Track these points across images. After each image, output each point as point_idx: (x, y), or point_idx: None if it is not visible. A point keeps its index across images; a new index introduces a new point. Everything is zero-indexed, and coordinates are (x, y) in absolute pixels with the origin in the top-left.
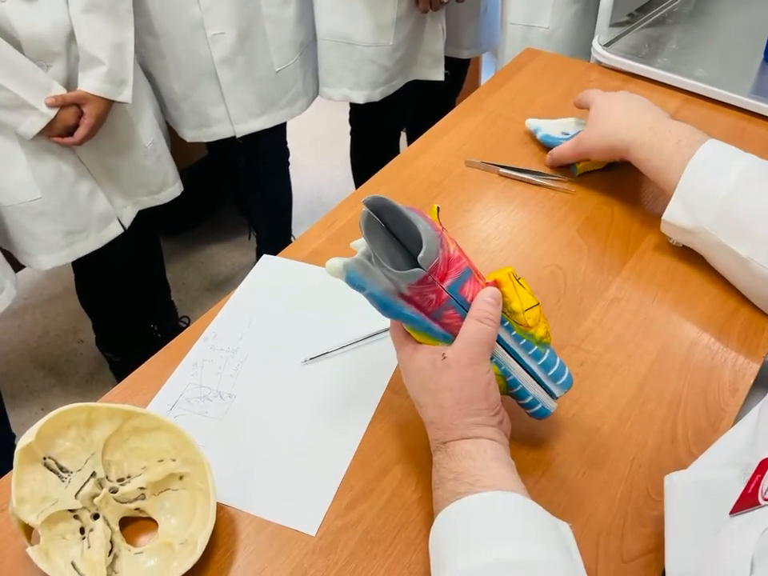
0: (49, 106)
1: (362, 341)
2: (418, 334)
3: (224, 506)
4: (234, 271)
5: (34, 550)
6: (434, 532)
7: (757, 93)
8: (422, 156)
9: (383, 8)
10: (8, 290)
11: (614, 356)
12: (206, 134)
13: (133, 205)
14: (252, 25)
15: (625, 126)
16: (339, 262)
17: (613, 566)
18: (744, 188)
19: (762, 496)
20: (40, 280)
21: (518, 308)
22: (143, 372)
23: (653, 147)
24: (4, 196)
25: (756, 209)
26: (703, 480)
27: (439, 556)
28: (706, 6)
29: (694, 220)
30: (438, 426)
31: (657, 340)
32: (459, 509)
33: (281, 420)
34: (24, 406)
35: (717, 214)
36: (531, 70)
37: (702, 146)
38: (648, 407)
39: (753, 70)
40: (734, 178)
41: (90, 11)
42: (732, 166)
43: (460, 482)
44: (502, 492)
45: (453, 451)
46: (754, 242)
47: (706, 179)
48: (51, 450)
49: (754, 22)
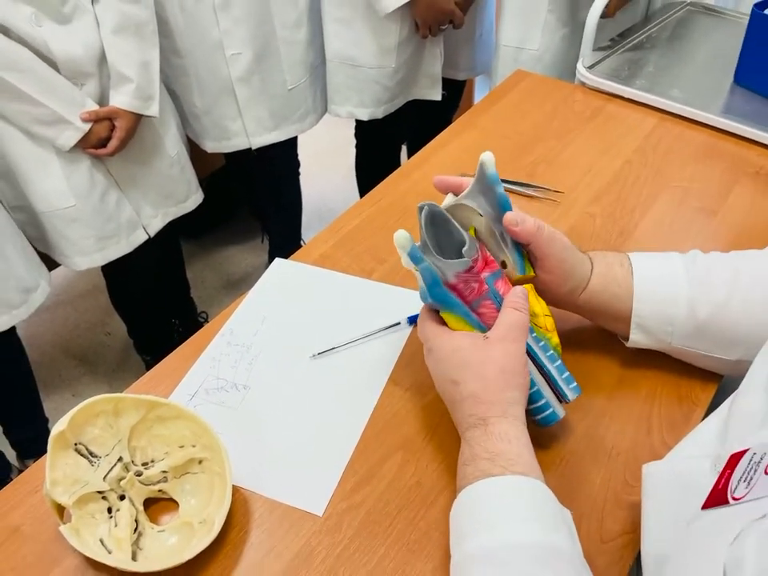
0: (83, 120)
1: (367, 337)
2: (455, 319)
3: (239, 489)
4: (248, 271)
5: (66, 528)
6: (459, 506)
7: (727, 112)
8: (421, 168)
9: (386, 33)
10: (42, 288)
11: (593, 352)
12: (225, 145)
13: (162, 216)
14: (267, 46)
15: (579, 260)
16: (408, 234)
17: (593, 546)
18: (700, 299)
19: (731, 494)
20: (72, 278)
21: (539, 311)
22: (166, 365)
23: (607, 277)
24: (41, 203)
25: (724, 315)
26: (677, 470)
27: (461, 527)
28: (681, 32)
29: (662, 342)
30: (480, 399)
31: None
32: (488, 488)
33: (291, 410)
34: (57, 393)
35: (685, 335)
36: (521, 91)
37: (632, 263)
38: (625, 401)
39: (723, 91)
40: (686, 293)
41: (119, 33)
42: (674, 279)
43: (494, 464)
44: (530, 479)
45: (492, 430)
46: (738, 345)
47: (661, 304)
48: (82, 437)
49: (725, 46)
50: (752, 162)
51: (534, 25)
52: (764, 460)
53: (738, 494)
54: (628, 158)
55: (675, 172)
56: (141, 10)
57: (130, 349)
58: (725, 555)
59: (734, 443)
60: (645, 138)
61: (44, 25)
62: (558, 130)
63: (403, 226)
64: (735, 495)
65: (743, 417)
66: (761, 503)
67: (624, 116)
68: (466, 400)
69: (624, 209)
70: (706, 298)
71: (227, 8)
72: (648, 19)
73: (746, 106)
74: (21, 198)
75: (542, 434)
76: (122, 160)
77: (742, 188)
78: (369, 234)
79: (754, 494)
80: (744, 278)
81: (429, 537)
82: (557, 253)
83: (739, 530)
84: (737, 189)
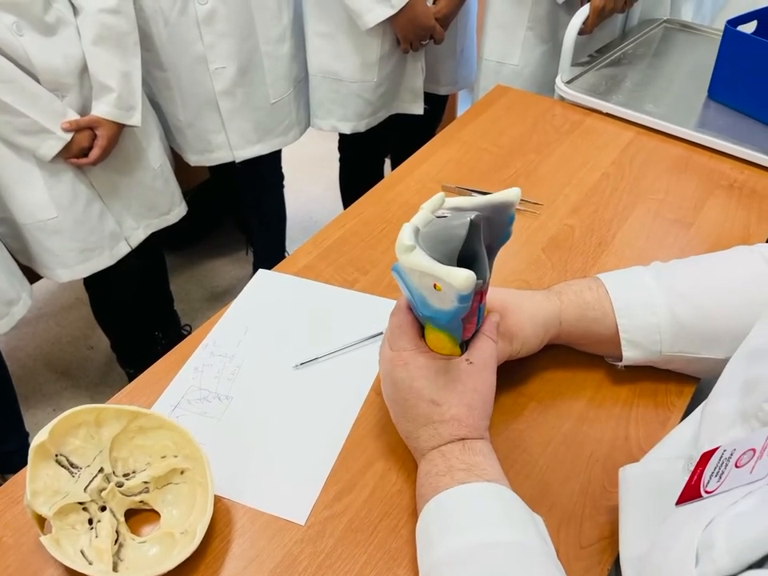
0: (65, 130)
1: (349, 348)
2: (441, 336)
3: (221, 498)
4: (232, 283)
5: (46, 539)
6: (431, 512)
7: (701, 126)
8: (404, 181)
9: (368, 48)
10: (24, 301)
11: (573, 360)
12: (208, 158)
13: (144, 227)
14: (251, 60)
15: (544, 299)
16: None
17: (572, 551)
18: (677, 302)
19: (704, 488)
20: (54, 291)
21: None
22: (148, 375)
23: (579, 305)
24: (23, 215)
25: (701, 313)
26: (652, 472)
27: (431, 533)
28: (656, 49)
29: (653, 353)
30: (463, 422)
31: None
32: (467, 491)
33: (274, 420)
34: (38, 407)
35: (672, 340)
36: (502, 105)
37: (604, 283)
38: (603, 408)
39: (698, 106)
40: (663, 299)
41: (100, 44)
42: (647, 291)
43: (470, 473)
44: (501, 486)
45: (471, 446)
46: (721, 342)
47: (641, 316)
48: (63, 448)
49: (699, 63)
50: (725, 175)
51: (513, 41)
52: (734, 455)
53: (711, 488)
54: (605, 170)
55: (651, 184)
56: (122, 21)
57: (112, 363)
58: (698, 539)
59: (705, 444)
60: (622, 152)
61: (25, 34)
62: (537, 144)
63: (387, 238)
64: (708, 489)
65: (714, 419)
66: (732, 493)
67: (602, 130)
68: (448, 422)
69: (602, 220)
70: (681, 302)
71: (211, 23)
72: (625, 36)
73: (720, 120)
74: (2, 209)
75: (521, 440)
76: (105, 172)
77: (716, 200)
78: (352, 245)
79: (725, 486)
80: (707, 279)
81: (411, 544)
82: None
83: (712, 517)
84: (711, 201)
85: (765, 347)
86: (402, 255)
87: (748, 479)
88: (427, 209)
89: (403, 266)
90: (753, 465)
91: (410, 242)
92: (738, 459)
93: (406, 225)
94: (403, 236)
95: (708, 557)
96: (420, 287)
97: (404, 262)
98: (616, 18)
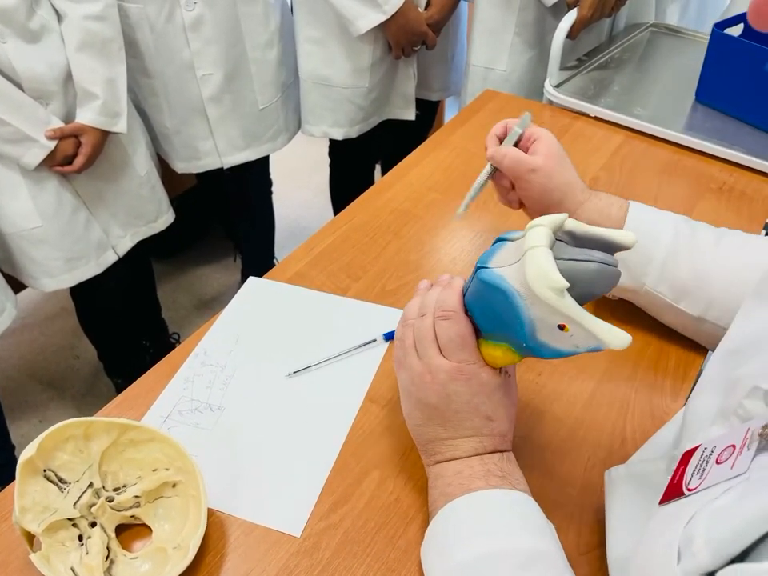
0: (48, 138)
1: (342, 355)
2: (509, 353)
3: (214, 512)
4: (221, 291)
5: (36, 557)
6: (458, 511)
7: (689, 129)
8: (394, 186)
9: (359, 53)
10: (8, 311)
11: (568, 366)
12: (195, 165)
13: (131, 236)
14: (238, 66)
15: (579, 188)
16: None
17: (571, 558)
18: (681, 249)
19: (686, 486)
20: (38, 300)
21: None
22: (138, 387)
23: (601, 211)
24: (7, 224)
25: (699, 269)
26: (636, 473)
27: (458, 532)
28: (644, 52)
29: (636, 281)
30: (506, 438)
31: (606, 353)
32: (500, 497)
33: (267, 430)
34: (23, 419)
35: (659, 276)
36: (490, 110)
37: (630, 208)
38: (600, 412)
39: (686, 109)
40: (670, 238)
41: (84, 50)
42: (663, 226)
43: (506, 480)
44: (530, 497)
45: (508, 457)
46: (701, 301)
47: (644, 242)
48: (51, 463)
49: (686, 66)
50: (715, 178)
51: (501, 47)
52: (714, 452)
53: (693, 485)
54: (595, 174)
55: (641, 188)
56: (106, 27)
57: (99, 373)
58: (680, 536)
59: (687, 443)
60: (611, 155)
61: (8, 41)
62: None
63: (377, 244)
64: (690, 486)
65: (695, 418)
66: (714, 489)
67: (591, 134)
68: (496, 437)
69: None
70: (686, 249)
71: (198, 29)
72: (612, 40)
73: (708, 123)
74: None
75: (518, 446)
76: (91, 179)
77: (706, 203)
78: (343, 251)
79: (707, 483)
80: (726, 244)
81: (408, 555)
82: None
83: (693, 514)
84: (701, 204)
85: (743, 347)
86: (550, 294)
87: (729, 475)
88: (549, 228)
89: (545, 300)
90: (733, 460)
91: (564, 282)
92: (718, 456)
93: (546, 252)
94: (552, 272)
95: (689, 552)
96: (538, 319)
97: (551, 301)
98: (603, 22)
